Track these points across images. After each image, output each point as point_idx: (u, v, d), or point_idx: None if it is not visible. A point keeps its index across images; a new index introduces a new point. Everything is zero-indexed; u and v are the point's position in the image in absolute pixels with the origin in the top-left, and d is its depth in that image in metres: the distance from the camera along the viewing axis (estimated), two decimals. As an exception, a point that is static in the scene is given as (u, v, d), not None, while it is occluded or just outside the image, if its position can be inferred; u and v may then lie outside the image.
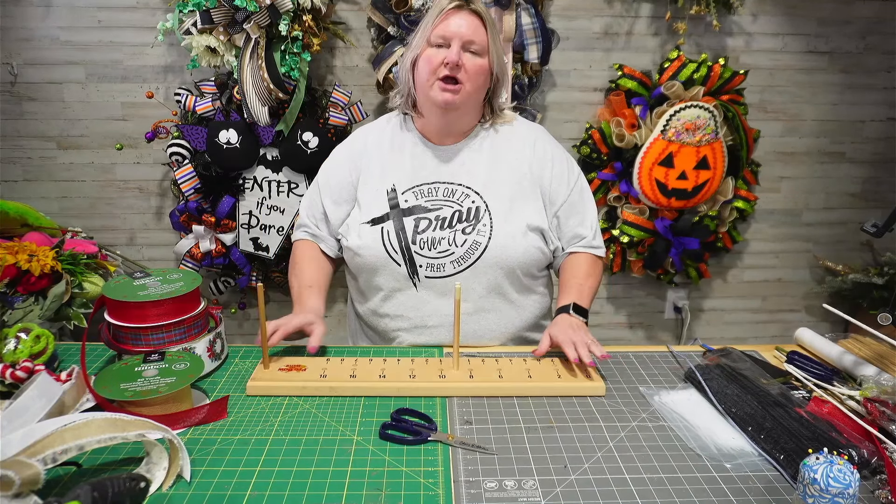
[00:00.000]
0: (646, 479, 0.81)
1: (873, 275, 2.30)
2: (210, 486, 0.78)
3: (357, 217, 1.26)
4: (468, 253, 1.21)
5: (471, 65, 1.17)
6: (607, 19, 2.20)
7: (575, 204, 1.29)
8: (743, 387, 0.99)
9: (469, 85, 1.18)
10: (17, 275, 1.54)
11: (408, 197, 1.24)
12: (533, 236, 1.24)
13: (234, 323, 2.41)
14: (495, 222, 1.21)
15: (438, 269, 1.21)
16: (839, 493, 0.68)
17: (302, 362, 1.08)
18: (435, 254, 1.21)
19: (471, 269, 1.21)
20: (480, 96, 1.24)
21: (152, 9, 2.07)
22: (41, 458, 0.68)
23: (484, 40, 1.18)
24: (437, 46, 1.18)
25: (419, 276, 1.22)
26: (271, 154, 2.07)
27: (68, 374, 0.92)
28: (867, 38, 2.29)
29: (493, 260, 1.21)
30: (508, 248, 1.21)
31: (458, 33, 1.16)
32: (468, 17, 1.17)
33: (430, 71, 1.17)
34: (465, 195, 1.24)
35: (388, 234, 1.22)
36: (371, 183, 1.27)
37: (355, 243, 1.24)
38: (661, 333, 2.59)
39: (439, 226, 1.22)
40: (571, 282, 1.26)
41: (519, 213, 1.23)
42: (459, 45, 1.16)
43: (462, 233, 1.21)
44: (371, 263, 1.23)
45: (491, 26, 1.19)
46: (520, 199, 1.24)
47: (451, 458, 0.85)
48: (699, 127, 2.11)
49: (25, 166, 2.20)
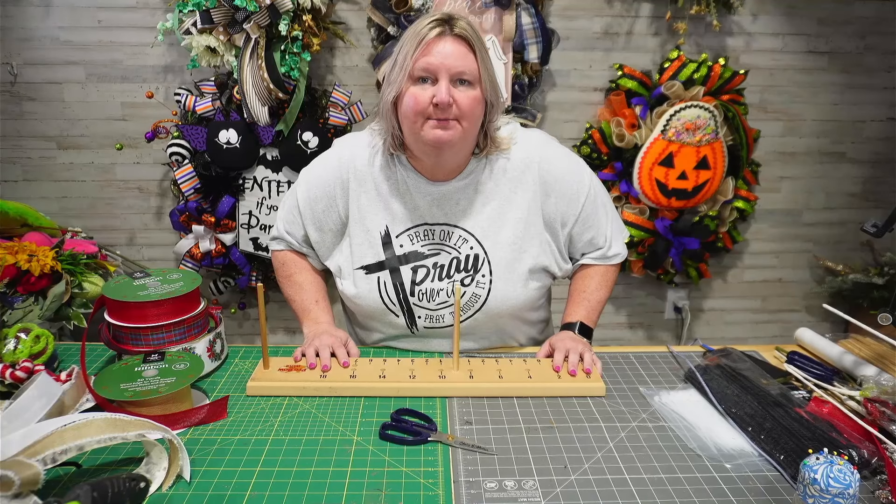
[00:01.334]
0: (646, 479, 0.81)
1: (873, 275, 2.30)
2: (210, 486, 0.78)
3: (349, 259, 1.17)
4: (468, 305, 1.15)
5: (463, 98, 1.02)
6: (607, 19, 2.20)
7: (588, 218, 1.20)
8: (743, 387, 0.99)
9: (465, 122, 1.03)
10: (17, 275, 1.54)
11: (402, 241, 1.15)
12: (534, 281, 1.18)
13: (234, 323, 2.41)
14: (495, 273, 1.14)
15: (437, 319, 1.16)
16: (839, 494, 0.68)
17: (302, 362, 1.08)
18: (434, 305, 1.15)
19: (471, 319, 1.17)
20: (476, 128, 1.08)
21: (152, 9, 2.07)
22: (41, 458, 0.68)
23: (474, 68, 1.03)
24: (421, 82, 1.02)
25: (417, 326, 1.17)
26: (271, 154, 2.07)
27: (68, 374, 0.92)
28: (867, 38, 2.29)
29: (494, 311, 1.16)
30: (509, 300, 1.15)
31: (445, 65, 1.00)
32: (453, 43, 1.01)
33: (418, 112, 1.02)
34: (462, 240, 1.15)
35: (384, 286, 1.15)
36: (363, 220, 1.16)
37: (351, 291, 1.17)
38: (661, 333, 2.59)
39: (437, 276, 1.15)
40: (581, 296, 1.24)
41: (520, 260, 1.15)
42: (448, 80, 1.01)
43: (461, 283, 1.15)
44: (368, 311, 1.18)
45: (479, 47, 1.04)
46: (522, 241, 1.15)
47: (451, 459, 0.84)
48: (699, 127, 2.11)
49: (25, 166, 2.19)
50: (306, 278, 1.27)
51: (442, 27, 1.02)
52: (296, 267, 1.28)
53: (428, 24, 1.02)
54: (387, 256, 1.15)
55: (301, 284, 1.26)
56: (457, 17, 1.04)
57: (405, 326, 1.18)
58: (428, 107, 1.02)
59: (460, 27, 1.03)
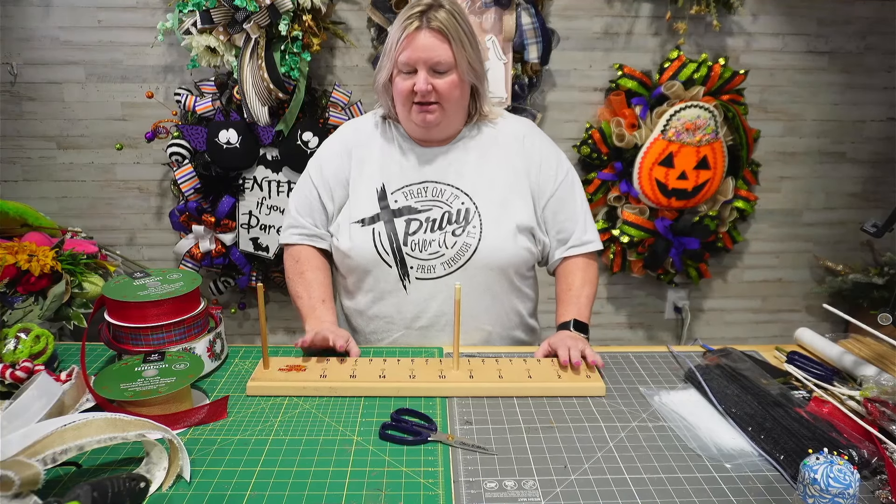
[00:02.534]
0: (646, 479, 0.81)
1: (873, 275, 2.30)
2: (210, 486, 0.78)
3: (347, 216, 1.26)
4: (458, 255, 1.21)
5: (441, 84, 1.16)
6: (607, 19, 2.20)
7: (564, 199, 1.29)
8: (743, 387, 0.99)
9: (445, 104, 1.18)
10: (17, 275, 1.54)
11: (397, 197, 1.24)
12: (522, 238, 1.24)
13: (234, 323, 2.41)
14: (485, 224, 1.22)
15: (429, 270, 1.22)
16: (839, 494, 0.68)
17: (302, 362, 1.08)
18: (426, 255, 1.22)
19: (461, 270, 1.22)
20: (461, 105, 1.23)
21: (152, 9, 2.07)
22: (41, 458, 0.68)
23: (449, 56, 1.16)
24: (405, 73, 1.17)
25: (410, 277, 1.22)
26: (271, 154, 2.07)
27: (68, 374, 0.92)
28: (867, 38, 2.29)
29: (483, 262, 1.21)
30: (498, 251, 1.21)
31: (423, 58, 1.15)
32: (430, 36, 1.15)
33: (403, 99, 1.19)
34: (454, 196, 1.24)
35: (379, 236, 1.22)
36: (363, 178, 1.26)
37: (346, 245, 1.24)
38: (661, 333, 2.59)
39: (430, 228, 1.22)
40: (568, 295, 1.27)
41: (509, 215, 1.23)
42: (426, 70, 1.16)
43: (452, 234, 1.22)
44: (362, 265, 1.23)
45: (456, 36, 1.16)
46: (509, 199, 1.24)
47: (451, 458, 0.84)
48: (699, 127, 2.11)
49: (25, 166, 2.20)
50: (316, 277, 1.30)
51: (419, 21, 1.15)
52: (309, 265, 1.31)
53: (409, 17, 1.15)
54: (381, 209, 1.24)
55: (311, 283, 1.29)
56: (439, 5, 1.16)
57: (398, 278, 1.23)
58: (411, 94, 1.17)
59: (436, 19, 1.15)
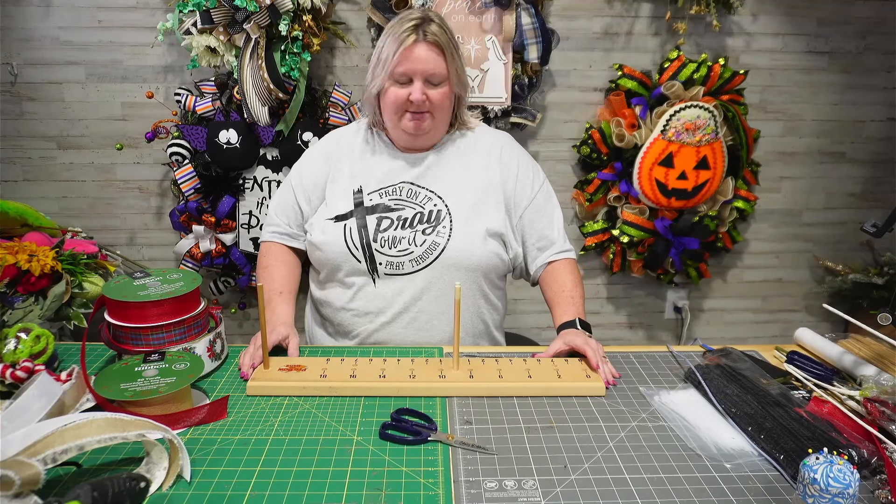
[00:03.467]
0: (646, 479, 0.81)
1: (873, 275, 2.30)
2: (210, 486, 0.78)
3: (323, 213, 1.29)
4: (427, 253, 1.24)
5: (434, 95, 1.23)
6: (607, 19, 2.20)
7: (541, 207, 1.33)
8: (743, 387, 0.99)
9: (437, 113, 1.25)
10: (17, 275, 1.54)
11: (373, 197, 1.28)
12: (492, 242, 1.27)
13: (234, 323, 2.41)
14: (455, 225, 1.25)
15: (398, 266, 1.25)
16: (839, 493, 0.68)
17: (302, 362, 1.08)
18: (395, 252, 1.24)
19: (429, 268, 1.24)
20: (448, 114, 1.30)
21: (152, 9, 2.07)
22: (41, 458, 0.68)
23: (443, 69, 1.22)
24: (400, 83, 1.22)
25: (378, 273, 1.25)
26: (271, 154, 2.07)
27: (68, 374, 0.92)
28: (867, 38, 2.29)
29: (451, 261, 1.24)
30: (466, 251, 1.24)
31: (419, 70, 1.20)
32: (426, 50, 1.20)
33: (396, 108, 1.23)
34: (427, 198, 1.28)
35: (350, 231, 1.25)
36: (339, 183, 1.31)
37: (318, 239, 1.27)
38: (661, 333, 2.59)
39: (400, 225, 1.25)
40: (563, 296, 1.27)
41: (479, 219, 1.26)
42: (422, 82, 1.21)
43: (422, 233, 1.25)
44: (332, 259, 1.26)
45: (448, 49, 1.22)
46: (482, 205, 1.28)
47: (451, 458, 0.85)
48: (699, 127, 2.11)
49: (25, 166, 2.19)
50: (279, 270, 1.33)
51: (416, 35, 1.20)
52: (274, 259, 1.35)
53: (404, 30, 1.20)
54: (356, 205, 1.28)
55: (272, 275, 1.32)
56: (430, 19, 1.22)
57: (366, 273, 1.26)
58: (406, 103, 1.22)
59: (431, 33, 1.20)
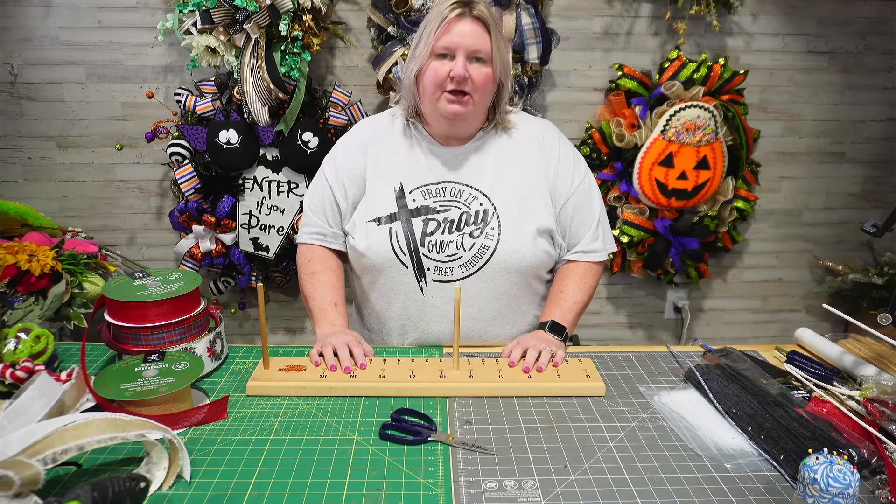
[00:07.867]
0: (646, 479, 0.81)
1: (873, 275, 2.30)
2: (210, 486, 0.78)
3: (363, 214, 1.23)
4: (476, 257, 1.19)
5: (477, 74, 1.14)
6: (607, 19, 2.20)
7: (581, 203, 1.27)
8: (743, 387, 0.99)
9: (477, 95, 1.16)
10: (17, 275, 1.54)
11: (415, 196, 1.22)
12: (542, 240, 1.21)
13: (234, 323, 2.41)
14: (504, 226, 1.19)
15: (447, 272, 1.19)
16: (839, 493, 0.68)
17: (302, 362, 1.08)
18: (443, 257, 1.19)
19: (479, 273, 1.19)
20: (487, 103, 1.22)
21: (152, 9, 2.07)
22: (41, 458, 0.68)
23: (488, 47, 1.15)
24: (441, 57, 1.15)
25: (426, 279, 1.20)
26: (271, 154, 2.07)
27: (68, 374, 0.92)
28: (867, 38, 2.29)
29: (501, 265, 1.19)
30: (517, 253, 1.19)
31: (463, 44, 1.13)
32: (471, 24, 1.14)
33: (437, 84, 1.15)
34: (472, 197, 1.21)
35: (396, 235, 1.19)
36: (379, 177, 1.24)
37: (362, 244, 1.21)
38: (661, 333, 2.59)
39: (447, 229, 1.19)
40: (558, 297, 1.25)
41: (529, 217, 1.21)
42: (465, 57, 1.13)
43: (470, 236, 1.19)
44: (377, 264, 1.20)
45: (495, 31, 1.16)
46: (529, 201, 1.22)
47: (451, 458, 0.84)
48: (699, 127, 2.11)
49: (25, 166, 2.19)
50: (329, 279, 1.27)
51: (462, 9, 1.14)
52: (321, 265, 1.29)
53: (450, 5, 1.14)
54: (399, 208, 1.21)
55: (324, 284, 1.26)
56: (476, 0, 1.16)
57: (414, 279, 1.20)
58: (446, 80, 1.14)
59: (479, 10, 1.15)
